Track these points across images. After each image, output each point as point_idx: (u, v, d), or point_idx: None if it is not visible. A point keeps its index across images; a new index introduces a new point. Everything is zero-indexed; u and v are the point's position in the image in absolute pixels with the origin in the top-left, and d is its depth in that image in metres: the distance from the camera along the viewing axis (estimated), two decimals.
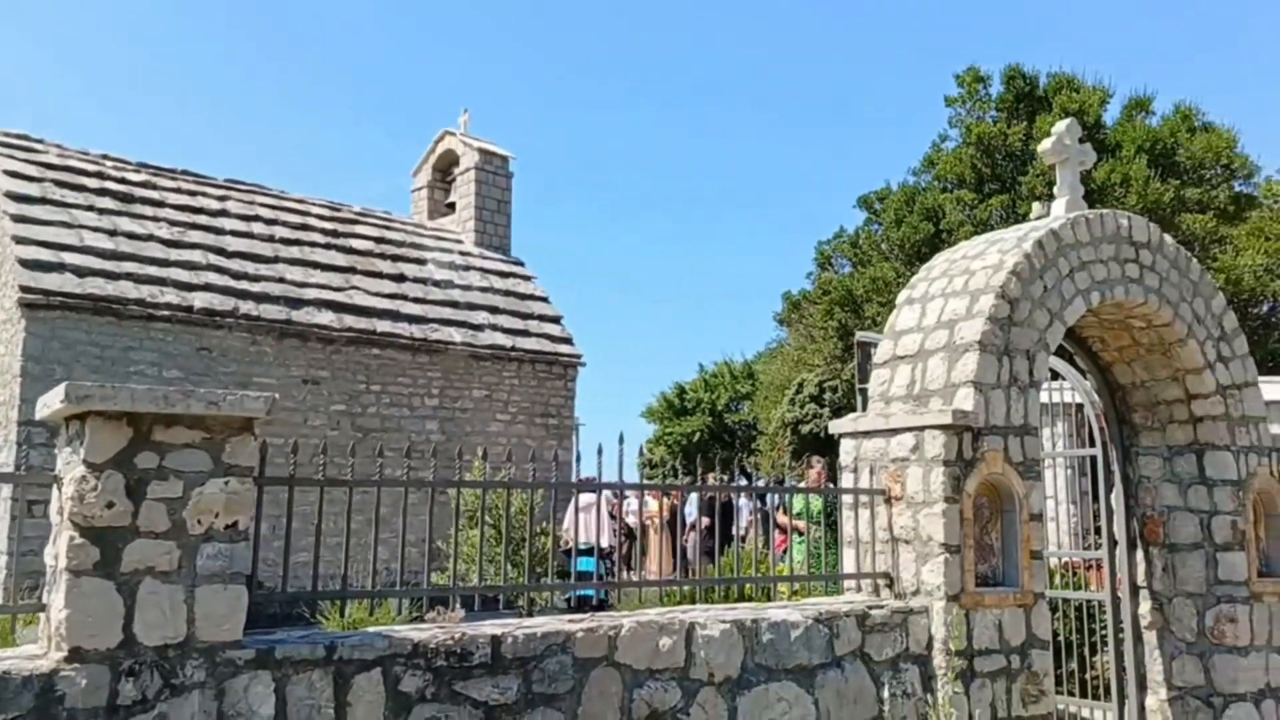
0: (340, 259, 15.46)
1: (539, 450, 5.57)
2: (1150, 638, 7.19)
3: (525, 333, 16.18)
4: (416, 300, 15.48)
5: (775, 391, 30.35)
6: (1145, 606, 7.23)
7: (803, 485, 8.59)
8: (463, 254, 17.23)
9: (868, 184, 48.55)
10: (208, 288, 13.45)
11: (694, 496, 9.53)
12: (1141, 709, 7.18)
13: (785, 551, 7.80)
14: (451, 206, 18.46)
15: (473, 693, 3.92)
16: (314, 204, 16.71)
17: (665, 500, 12.12)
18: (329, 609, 8.05)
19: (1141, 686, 7.20)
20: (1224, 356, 7.18)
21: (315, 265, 15.01)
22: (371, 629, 4.18)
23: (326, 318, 14.17)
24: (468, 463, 10.06)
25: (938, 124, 35.30)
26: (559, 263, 51.19)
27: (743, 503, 10.04)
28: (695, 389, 40.35)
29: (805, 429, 23.82)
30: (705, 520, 10.01)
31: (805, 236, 66.03)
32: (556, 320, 16.97)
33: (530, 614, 5.29)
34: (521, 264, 17.95)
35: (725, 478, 6.37)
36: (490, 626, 4.08)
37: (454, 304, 15.88)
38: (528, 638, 4.06)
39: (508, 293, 16.86)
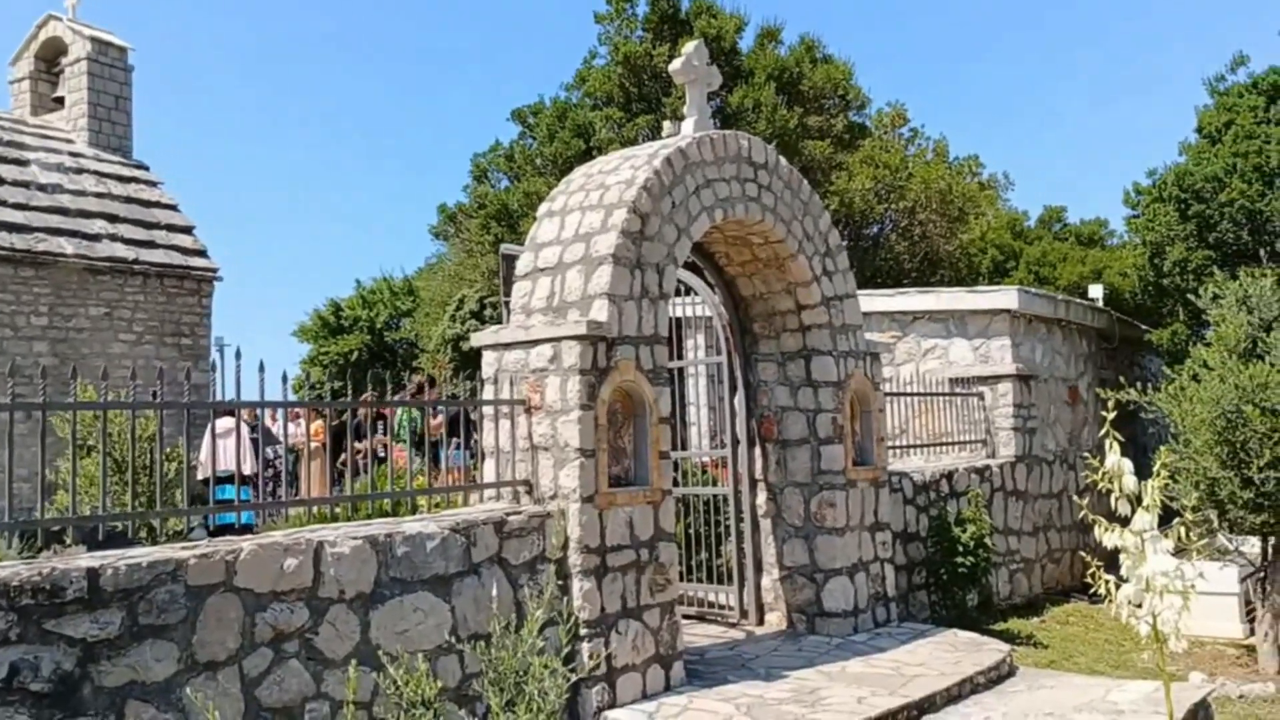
0: None
1: (171, 373, 5.13)
2: (766, 525, 7.94)
3: (151, 244, 14.76)
4: (18, 206, 13.62)
5: (436, 308, 30.00)
6: (762, 497, 7.96)
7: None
8: (74, 155, 15.34)
9: (526, 96, 48.57)
10: None
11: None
12: (758, 589, 7.95)
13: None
14: (60, 102, 16.33)
15: (67, 630, 3.59)
16: None
17: (320, 423, 11.72)
18: None
19: (759, 569, 7.96)
20: (829, 271, 7.92)
21: None
22: None
23: None
24: (85, 386, 9.12)
25: (591, 39, 35.82)
26: (198, 170, 47.18)
27: None
28: (352, 306, 38.96)
29: (466, 345, 23.76)
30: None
31: (464, 148, 65.18)
32: (188, 230, 15.62)
33: (156, 545, 4.92)
34: (146, 168, 16.28)
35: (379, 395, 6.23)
36: (86, 559, 3.74)
37: (64, 211, 14.15)
38: (131, 568, 3.77)
39: (129, 199, 15.26)
